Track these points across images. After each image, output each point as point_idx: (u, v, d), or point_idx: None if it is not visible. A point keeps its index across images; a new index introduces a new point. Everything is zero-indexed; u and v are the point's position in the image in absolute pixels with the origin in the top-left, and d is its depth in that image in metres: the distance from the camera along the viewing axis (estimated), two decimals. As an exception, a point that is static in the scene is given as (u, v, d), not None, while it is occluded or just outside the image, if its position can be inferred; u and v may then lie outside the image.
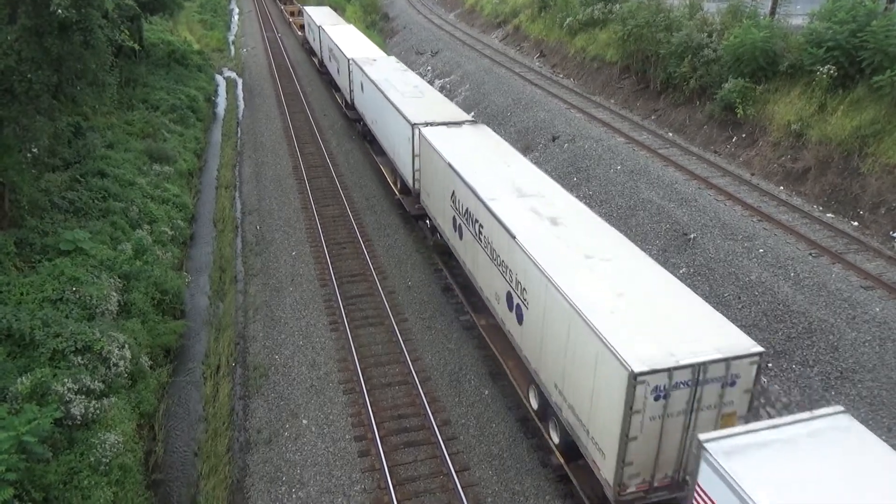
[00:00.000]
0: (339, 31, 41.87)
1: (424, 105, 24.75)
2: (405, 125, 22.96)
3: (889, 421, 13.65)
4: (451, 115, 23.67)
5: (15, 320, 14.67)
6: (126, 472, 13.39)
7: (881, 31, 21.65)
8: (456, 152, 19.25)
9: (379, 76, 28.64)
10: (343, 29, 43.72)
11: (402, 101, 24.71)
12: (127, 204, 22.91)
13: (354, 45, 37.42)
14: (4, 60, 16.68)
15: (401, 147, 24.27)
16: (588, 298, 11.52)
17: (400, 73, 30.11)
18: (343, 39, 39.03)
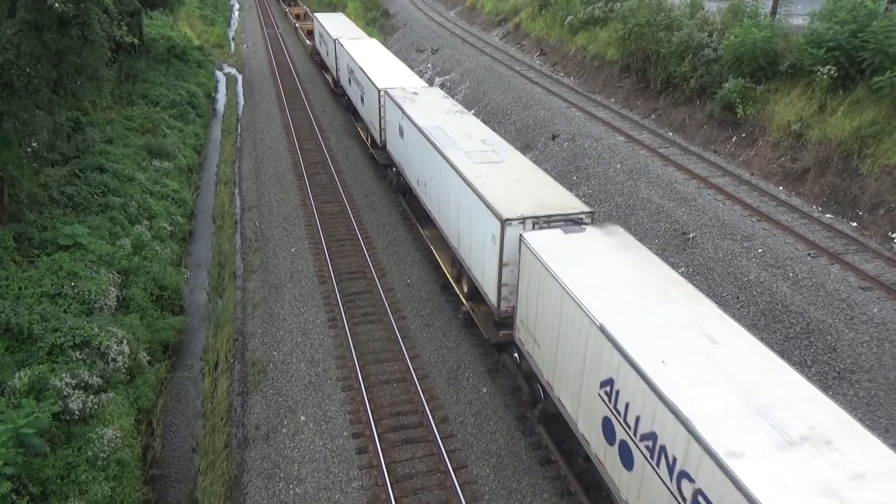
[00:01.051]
0: (362, 50, 34.19)
1: (511, 178, 16.79)
2: (487, 217, 15.45)
3: (886, 421, 13.68)
4: (560, 200, 15.65)
5: (13, 315, 14.67)
6: (124, 467, 13.40)
7: (882, 32, 21.65)
8: (599, 298, 11.37)
9: (427, 121, 21.23)
10: (367, 46, 35.50)
11: (476, 174, 16.91)
12: (126, 199, 22.89)
13: (385, 70, 29.88)
14: (4, 54, 16.65)
15: (478, 245, 16.56)
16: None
17: (455, 116, 22.20)
18: (370, 61, 31.41)
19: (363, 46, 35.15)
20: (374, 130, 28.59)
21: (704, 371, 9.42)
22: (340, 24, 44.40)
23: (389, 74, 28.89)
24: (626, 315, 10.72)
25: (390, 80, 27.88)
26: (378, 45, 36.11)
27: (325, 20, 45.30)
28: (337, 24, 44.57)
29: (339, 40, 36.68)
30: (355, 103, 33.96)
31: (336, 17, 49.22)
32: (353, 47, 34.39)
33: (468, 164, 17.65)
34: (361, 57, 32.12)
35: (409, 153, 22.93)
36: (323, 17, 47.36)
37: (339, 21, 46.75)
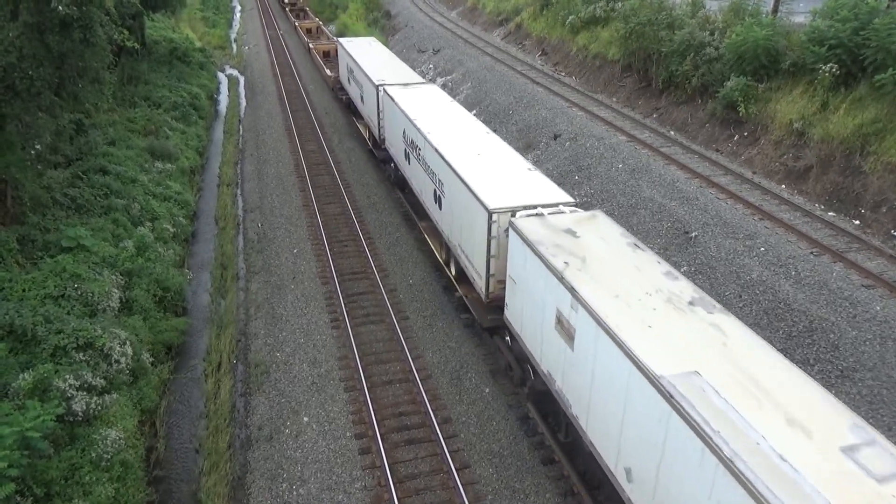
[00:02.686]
0: (434, 117, 22.00)
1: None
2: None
3: (889, 419, 13.65)
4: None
5: (17, 316, 14.71)
6: (127, 468, 13.44)
7: (884, 29, 21.60)
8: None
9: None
10: (437, 105, 23.67)
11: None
12: (129, 201, 22.95)
13: (490, 165, 17.92)
14: (6, 57, 16.70)
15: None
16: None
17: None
18: (455, 146, 19.21)
19: (434, 112, 22.81)
20: (476, 276, 17.15)
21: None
22: (378, 57, 33.38)
23: (501, 175, 17.31)
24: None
25: (508, 185, 16.59)
26: (457, 109, 23.70)
27: (356, 50, 34.37)
28: (373, 56, 33.36)
29: (388, 90, 25.77)
30: (420, 197, 22.23)
31: (368, 44, 37.27)
32: (420, 113, 22.46)
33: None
34: (438, 135, 20.18)
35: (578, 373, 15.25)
36: (351, 45, 36.50)
37: (375, 52, 34.94)
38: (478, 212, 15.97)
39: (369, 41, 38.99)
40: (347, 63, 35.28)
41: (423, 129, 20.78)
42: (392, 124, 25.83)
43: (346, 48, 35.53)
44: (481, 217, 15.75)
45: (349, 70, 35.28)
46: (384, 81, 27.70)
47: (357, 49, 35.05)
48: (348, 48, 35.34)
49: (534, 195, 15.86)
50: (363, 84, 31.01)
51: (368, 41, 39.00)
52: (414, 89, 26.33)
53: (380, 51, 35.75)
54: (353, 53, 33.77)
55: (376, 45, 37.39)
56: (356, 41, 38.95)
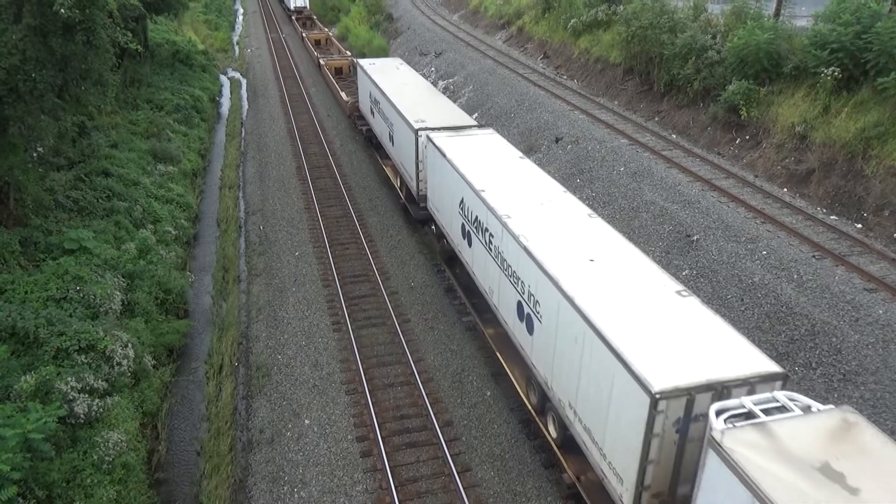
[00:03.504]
0: (507, 185, 16.68)
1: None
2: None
3: (892, 423, 13.61)
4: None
5: (19, 318, 14.74)
6: (129, 470, 13.44)
7: (886, 33, 21.59)
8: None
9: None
10: (506, 166, 18.20)
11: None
12: (131, 203, 23.00)
13: (620, 285, 12.26)
14: (9, 59, 16.75)
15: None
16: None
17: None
18: (551, 242, 13.86)
19: (492, 161, 18.44)
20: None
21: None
22: (410, 86, 27.82)
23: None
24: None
25: (681, 361, 10.25)
26: (527, 165, 18.42)
27: (382, 76, 29.00)
28: (403, 84, 27.98)
29: (432, 137, 20.30)
30: (478, 282, 17.53)
31: (395, 68, 31.36)
32: (479, 168, 17.65)
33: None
34: (510, 211, 15.17)
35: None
36: (374, 68, 30.83)
37: (404, 78, 29.35)
38: (630, 394, 9.91)
39: (396, 63, 32.85)
40: (371, 91, 29.33)
41: (498, 208, 15.07)
42: (440, 183, 19.90)
43: (369, 72, 29.73)
44: (635, 403, 9.77)
45: (373, 99, 29.22)
46: (425, 124, 21.78)
47: (382, 74, 29.26)
48: (371, 72, 29.62)
49: (716, 363, 9.86)
50: (394, 123, 25.17)
51: (395, 63, 32.85)
52: (468, 138, 20.30)
53: (410, 77, 29.91)
54: (377, 80, 28.16)
55: (405, 70, 31.37)
56: (380, 63, 32.55)
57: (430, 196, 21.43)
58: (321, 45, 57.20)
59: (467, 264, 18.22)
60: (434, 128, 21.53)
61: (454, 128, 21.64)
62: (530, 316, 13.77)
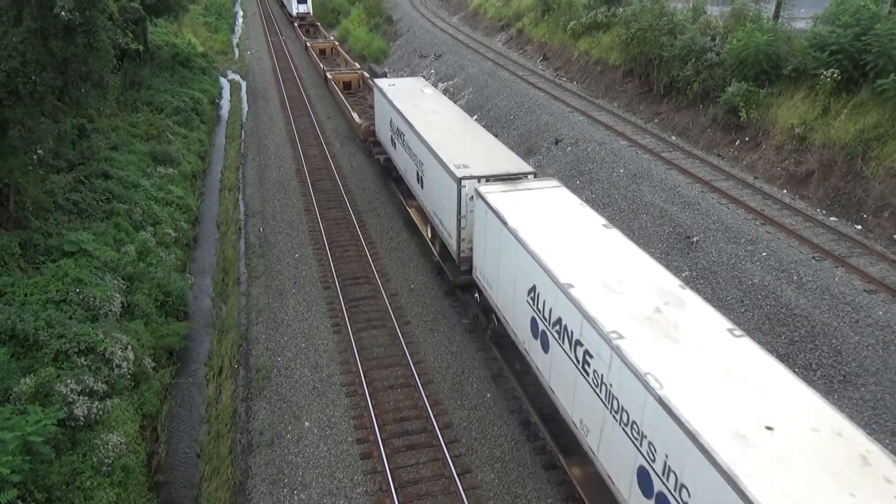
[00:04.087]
0: (602, 274, 12.29)
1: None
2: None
3: (893, 425, 13.61)
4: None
5: (19, 321, 14.74)
6: (128, 473, 13.43)
7: (885, 35, 21.62)
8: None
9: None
10: (592, 242, 13.72)
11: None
12: (131, 205, 23.00)
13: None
14: (9, 62, 16.75)
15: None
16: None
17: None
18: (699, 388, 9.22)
19: (569, 230, 14.32)
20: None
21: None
22: (441, 115, 23.29)
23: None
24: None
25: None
26: (590, 217, 14.99)
27: (406, 102, 24.46)
28: (433, 112, 23.44)
29: (483, 193, 16.11)
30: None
31: (420, 90, 26.66)
32: (555, 246, 13.54)
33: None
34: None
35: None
36: (395, 91, 26.21)
37: (433, 104, 24.63)
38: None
39: (419, 85, 27.93)
40: (392, 118, 25.12)
41: (602, 320, 10.75)
42: (494, 252, 15.56)
43: (389, 96, 25.36)
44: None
45: (394, 129, 24.97)
46: (469, 171, 17.58)
47: (406, 100, 24.86)
48: (392, 96, 25.25)
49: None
50: (424, 162, 20.99)
51: (418, 85, 27.89)
52: (528, 193, 16.02)
53: (440, 104, 25.07)
54: (401, 107, 23.85)
55: (432, 94, 26.47)
56: (401, 85, 27.81)
57: (478, 263, 17.10)
58: (326, 55, 53.63)
59: (539, 374, 13.70)
60: (481, 176, 17.35)
61: (507, 177, 17.39)
62: (665, 499, 9.20)
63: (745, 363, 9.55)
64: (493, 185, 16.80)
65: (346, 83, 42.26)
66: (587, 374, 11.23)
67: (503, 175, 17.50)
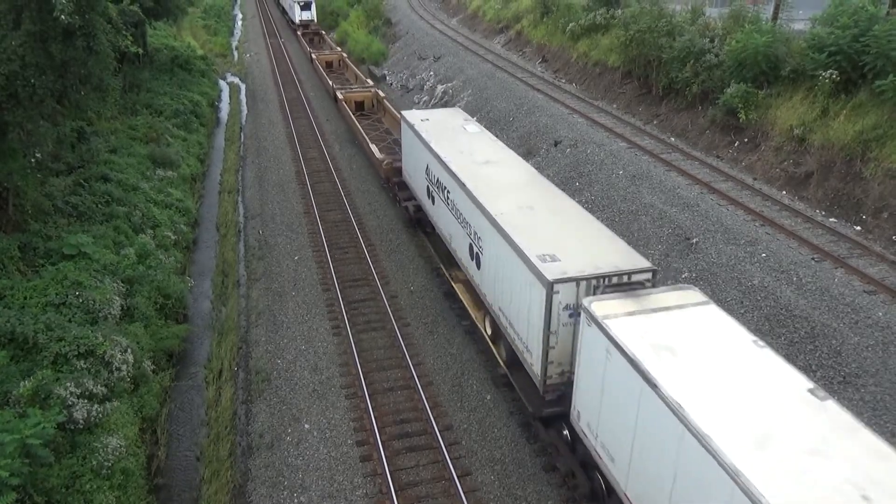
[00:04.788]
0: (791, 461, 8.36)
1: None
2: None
3: (893, 426, 13.60)
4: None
5: (18, 324, 14.73)
6: (128, 476, 13.41)
7: (883, 36, 21.65)
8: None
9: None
10: (763, 390, 9.54)
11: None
12: (130, 208, 22.99)
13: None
14: (8, 66, 16.76)
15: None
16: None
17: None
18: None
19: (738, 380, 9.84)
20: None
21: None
22: (508, 172, 18.08)
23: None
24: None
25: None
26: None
27: (445, 146, 19.69)
28: (493, 168, 18.26)
29: (611, 327, 10.87)
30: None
31: (462, 127, 21.70)
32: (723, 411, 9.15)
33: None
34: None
35: None
36: (429, 128, 21.30)
37: (483, 148, 19.83)
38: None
39: (459, 119, 22.71)
40: (428, 164, 20.16)
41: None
42: (627, 412, 10.64)
43: (423, 136, 20.59)
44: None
45: (432, 178, 19.87)
46: (563, 271, 12.68)
47: (446, 141, 19.97)
48: (427, 135, 20.48)
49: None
50: (483, 237, 15.86)
51: (457, 120, 22.65)
52: (666, 316, 11.23)
53: (493, 149, 19.82)
54: (441, 153, 19.00)
55: (477, 132, 21.40)
56: (436, 119, 22.63)
57: (584, 409, 12.15)
58: (333, 68, 49.33)
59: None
60: (583, 278, 12.45)
61: (620, 279, 12.62)
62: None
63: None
64: (608, 298, 11.65)
65: (359, 103, 38.25)
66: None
67: (613, 274, 12.58)
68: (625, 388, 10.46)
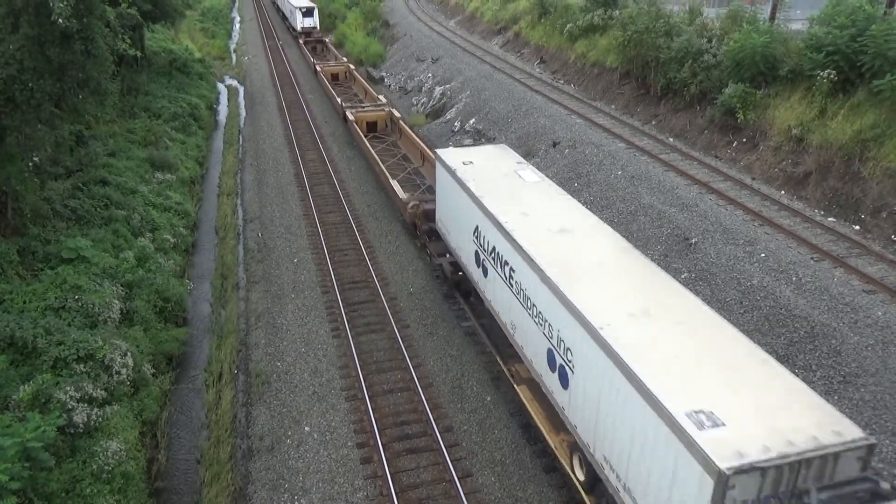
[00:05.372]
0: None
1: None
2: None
3: (893, 425, 13.61)
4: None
5: (18, 328, 14.71)
6: (128, 479, 13.40)
7: (881, 36, 21.68)
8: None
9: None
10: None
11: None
12: (129, 212, 22.98)
13: None
14: (6, 70, 16.76)
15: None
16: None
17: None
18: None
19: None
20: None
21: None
22: (592, 247, 13.48)
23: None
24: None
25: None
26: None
27: (505, 206, 15.35)
28: (570, 237, 13.88)
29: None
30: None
31: (516, 173, 17.46)
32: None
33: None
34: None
35: None
36: (473, 175, 17.35)
37: (570, 221, 14.58)
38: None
39: (512, 164, 18.15)
40: (478, 225, 16.09)
41: None
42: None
43: (471, 187, 16.41)
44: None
45: (484, 244, 15.84)
46: (741, 455, 7.94)
47: (501, 196, 15.87)
48: (474, 186, 16.46)
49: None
50: (575, 348, 11.57)
51: (510, 164, 18.15)
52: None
53: (562, 206, 15.48)
54: (498, 214, 14.86)
55: (536, 181, 16.93)
56: (482, 161, 18.23)
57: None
58: (340, 82, 45.69)
59: None
60: (772, 465, 7.96)
61: (827, 462, 8.31)
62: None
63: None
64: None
65: (371, 124, 34.42)
66: None
67: (814, 455, 8.11)
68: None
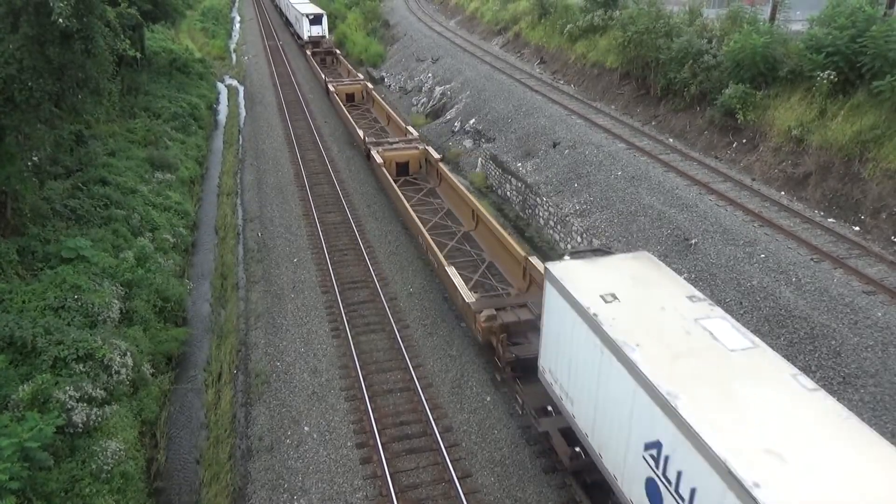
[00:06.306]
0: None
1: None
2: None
3: (892, 426, 13.60)
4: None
5: (17, 328, 14.69)
6: (128, 479, 13.38)
7: (881, 37, 21.68)
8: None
9: None
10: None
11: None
12: (129, 211, 22.97)
13: None
14: (6, 69, 16.75)
15: None
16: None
17: None
18: None
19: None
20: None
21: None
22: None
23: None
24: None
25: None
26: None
27: (679, 386, 9.23)
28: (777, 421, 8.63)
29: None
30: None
31: (690, 315, 10.87)
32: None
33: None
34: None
35: None
36: (624, 322, 10.68)
37: (783, 400, 9.27)
38: None
39: (682, 295, 11.60)
40: (661, 439, 9.47)
41: None
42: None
43: (616, 340, 10.35)
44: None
45: (661, 461, 9.52)
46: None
47: (681, 373, 9.65)
48: (629, 346, 10.18)
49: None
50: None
51: (678, 293, 11.67)
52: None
53: (793, 396, 9.63)
54: (693, 421, 8.70)
55: (741, 345, 10.77)
56: (630, 294, 11.59)
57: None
58: (356, 103, 39.66)
59: None
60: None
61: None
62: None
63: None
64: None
65: (402, 164, 28.18)
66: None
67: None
68: None
